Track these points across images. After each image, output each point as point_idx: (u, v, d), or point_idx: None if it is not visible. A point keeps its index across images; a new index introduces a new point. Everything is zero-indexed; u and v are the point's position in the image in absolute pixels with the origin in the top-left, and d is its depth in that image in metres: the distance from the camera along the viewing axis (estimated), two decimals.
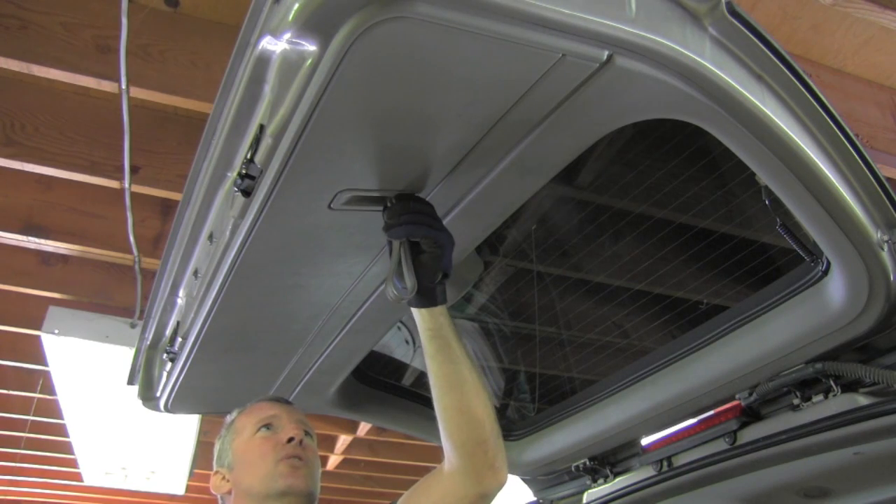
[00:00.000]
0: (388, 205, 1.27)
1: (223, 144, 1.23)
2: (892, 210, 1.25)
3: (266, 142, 1.11)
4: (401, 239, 1.26)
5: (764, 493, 1.82)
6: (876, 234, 1.27)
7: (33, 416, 5.10)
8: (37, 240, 3.07)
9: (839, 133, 1.16)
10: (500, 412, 2.43)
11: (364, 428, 5.20)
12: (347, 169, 1.20)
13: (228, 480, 1.60)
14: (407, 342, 2.29)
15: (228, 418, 1.72)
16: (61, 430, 5.19)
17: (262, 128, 1.10)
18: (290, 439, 1.56)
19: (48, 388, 4.43)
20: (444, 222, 1.36)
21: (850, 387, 1.54)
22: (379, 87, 1.01)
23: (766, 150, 1.14)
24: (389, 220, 1.26)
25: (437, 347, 1.35)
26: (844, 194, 1.22)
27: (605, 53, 0.98)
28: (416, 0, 0.87)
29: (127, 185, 2.64)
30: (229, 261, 1.42)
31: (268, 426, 1.60)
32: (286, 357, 1.90)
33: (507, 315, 2.27)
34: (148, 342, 2.00)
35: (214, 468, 1.65)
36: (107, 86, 2.30)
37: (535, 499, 2.46)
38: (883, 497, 1.71)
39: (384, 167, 1.22)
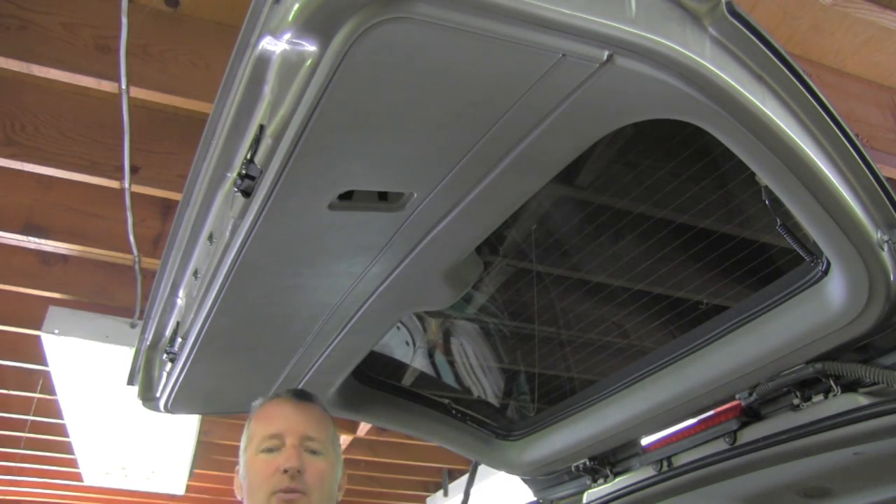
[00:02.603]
0: None
1: (223, 144, 1.23)
2: (892, 210, 1.25)
3: (266, 142, 1.11)
4: None
5: (764, 493, 1.82)
6: (876, 234, 1.27)
7: (33, 416, 5.10)
8: (37, 240, 3.07)
9: (839, 133, 1.16)
10: (500, 412, 2.43)
11: (364, 428, 5.20)
12: (347, 169, 1.20)
13: (242, 489, 1.63)
14: (407, 342, 2.29)
15: (255, 404, 1.72)
16: (61, 430, 5.20)
17: (262, 128, 1.11)
18: (286, 470, 1.52)
19: (48, 388, 4.44)
20: (444, 222, 1.36)
21: (850, 387, 1.54)
22: (379, 87, 1.01)
23: (766, 150, 1.14)
24: None
25: None
26: (844, 194, 1.22)
27: (606, 53, 0.98)
28: (417, 0, 0.87)
29: (127, 185, 2.64)
30: (229, 261, 1.42)
31: (269, 449, 1.57)
32: (286, 357, 1.90)
33: (507, 315, 2.27)
34: (148, 342, 2.00)
35: (238, 467, 1.68)
36: (107, 86, 2.30)
37: (535, 499, 2.46)
38: (883, 497, 1.71)
39: (384, 167, 1.22)
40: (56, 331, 3.52)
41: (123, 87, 2.17)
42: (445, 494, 3.42)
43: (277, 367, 1.96)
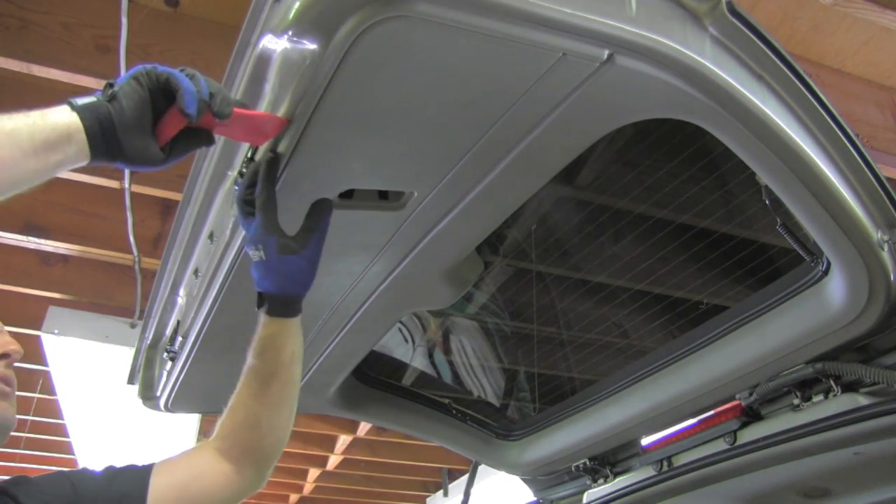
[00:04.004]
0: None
1: (223, 144, 1.23)
2: (892, 210, 1.26)
3: None
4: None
5: (764, 493, 1.82)
6: (876, 234, 1.27)
7: (33, 416, 5.10)
8: (37, 240, 3.08)
9: (839, 133, 1.16)
10: (501, 412, 2.43)
11: (364, 428, 5.20)
12: (348, 168, 1.20)
13: None
14: (407, 342, 2.29)
15: None
16: (61, 430, 5.20)
17: None
18: (2, 356, 1.29)
19: (48, 388, 4.44)
20: (445, 221, 1.36)
21: (850, 387, 1.54)
22: (379, 86, 1.01)
23: (766, 149, 1.14)
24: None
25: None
26: (844, 194, 1.22)
27: (606, 53, 0.98)
28: None
29: (127, 185, 2.64)
30: (229, 260, 1.42)
31: None
32: None
33: (507, 315, 2.27)
34: (148, 341, 2.00)
35: None
36: None
37: (535, 499, 2.46)
38: (883, 497, 1.71)
39: (384, 166, 1.22)
40: (56, 331, 3.52)
41: None
42: (445, 494, 3.42)
43: None
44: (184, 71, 1.04)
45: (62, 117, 0.99)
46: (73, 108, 1.00)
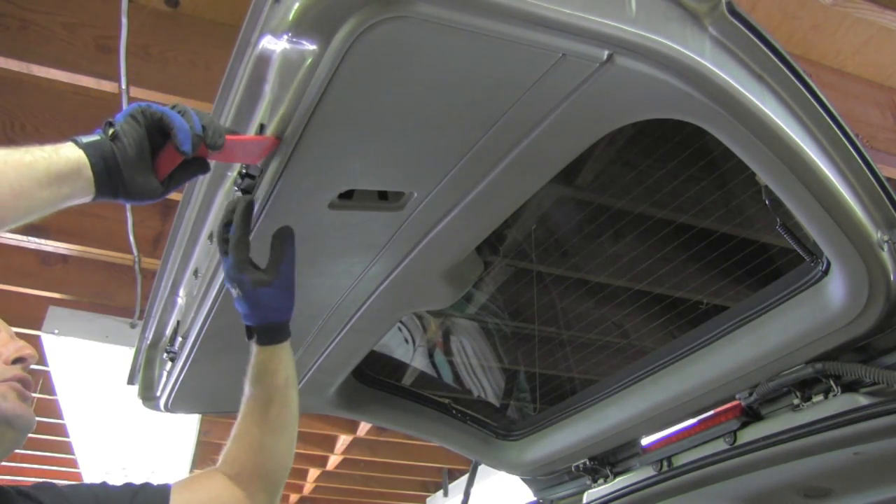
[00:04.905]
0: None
1: None
2: (892, 210, 1.26)
3: None
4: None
5: (764, 493, 1.82)
6: (876, 234, 1.27)
7: None
8: (37, 240, 3.08)
9: (839, 133, 1.17)
10: (501, 412, 2.44)
11: (364, 428, 5.21)
12: (347, 169, 1.20)
13: None
14: (407, 342, 2.29)
15: None
16: (61, 430, 5.20)
17: (262, 127, 1.11)
18: (19, 360, 1.23)
19: (48, 388, 4.44)
20: (445, 222, 1.36)
21: (850, 387, 1.54)
22: (379, 86, 1.01)
23: (766, 149, 1.14)
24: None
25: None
26: (844, 194, 1.22)
27: (606, 53, 0.98)
28: (416, 0, 0.87)
29: None
30: None
31: None
32: None
33: (508, 315, 2.27)
34: (148, 342, 2.00)
35: None
36: (107, 86, 2.30)
37: (535, 499, 2.46)
38: (883, 497, 1.71)
39: (384, 167, 1.22)
40: (56, 331, 3.53)
41: (123, 87, 2.17)
42: (445, 494, 3.43)
43: None
44: (175, 107, 1.08)
45: (72, 153, 1.04)
46: (79, 145, 1.05)
